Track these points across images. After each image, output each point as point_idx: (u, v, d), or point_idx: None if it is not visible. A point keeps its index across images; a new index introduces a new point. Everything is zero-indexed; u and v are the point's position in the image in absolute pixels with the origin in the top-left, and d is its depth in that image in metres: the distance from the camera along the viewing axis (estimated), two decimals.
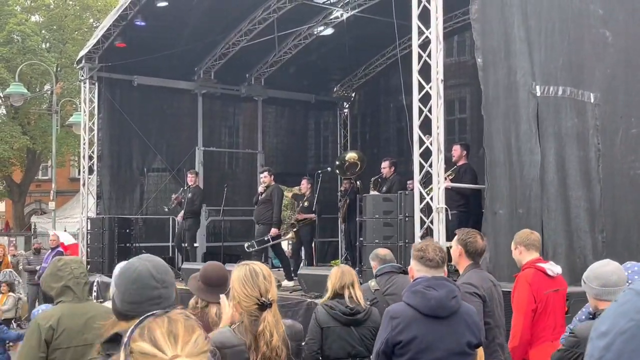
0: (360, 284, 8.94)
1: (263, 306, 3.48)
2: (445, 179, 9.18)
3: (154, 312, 1.78)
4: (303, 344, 4.55)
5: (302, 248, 13.74)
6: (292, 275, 11.71)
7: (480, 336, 4.10)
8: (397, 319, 3.86)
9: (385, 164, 12.44)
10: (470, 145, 11.54)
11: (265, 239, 11.86)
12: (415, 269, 4.07)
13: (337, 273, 5.46)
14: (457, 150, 10.98)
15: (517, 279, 5.64)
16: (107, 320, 3.88)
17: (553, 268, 5.63)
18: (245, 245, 12.41)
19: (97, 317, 3.92)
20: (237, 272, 3.64)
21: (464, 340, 3.92)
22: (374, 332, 5.12)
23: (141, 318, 1.76)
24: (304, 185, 13.95)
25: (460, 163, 10.93)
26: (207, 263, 4.86)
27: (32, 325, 4.05)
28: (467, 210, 10.30)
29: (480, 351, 4.35)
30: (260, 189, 12.48)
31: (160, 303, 2.61)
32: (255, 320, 3.44)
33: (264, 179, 12.19)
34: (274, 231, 11.78)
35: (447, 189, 9.02)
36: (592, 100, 9.24)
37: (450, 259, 5.10)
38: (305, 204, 13.49)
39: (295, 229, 12.92)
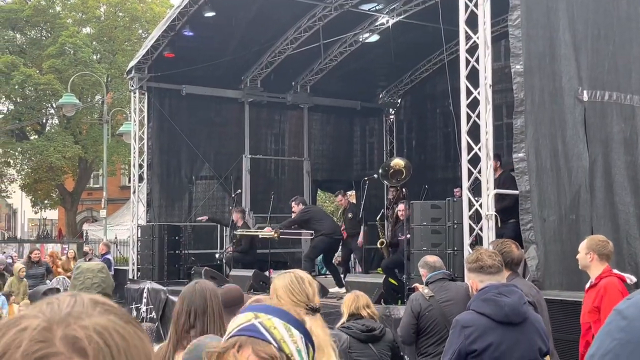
0: (408, 291, 8.95)
1: (312, 310, 3.48)
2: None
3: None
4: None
5: (352, 257, 13.80)
6: (342, 282, 11.80)
7: (549, 344, 4.03)
8: (470, 328, 3.79)
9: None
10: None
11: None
12: (478, 280, 4.01)
13: (352, 297, 5.61)
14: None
15: (604, 288, 5.39)
16: None
17: (632, 277, 5.53)
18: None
19: None
20: (281, 280, 3.54)
21: (536, 347, 3.86)
22: (390, 347, 5.42)
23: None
24: (340, 200, 13.95)
25: (496, 175, 10.71)
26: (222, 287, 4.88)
27: None
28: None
29: None
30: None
31: None
32: None
33: (294, 208, 12.42)
34: (267, 229, 12.79)
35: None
36: None
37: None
38: (349, 215, 13.49)
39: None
